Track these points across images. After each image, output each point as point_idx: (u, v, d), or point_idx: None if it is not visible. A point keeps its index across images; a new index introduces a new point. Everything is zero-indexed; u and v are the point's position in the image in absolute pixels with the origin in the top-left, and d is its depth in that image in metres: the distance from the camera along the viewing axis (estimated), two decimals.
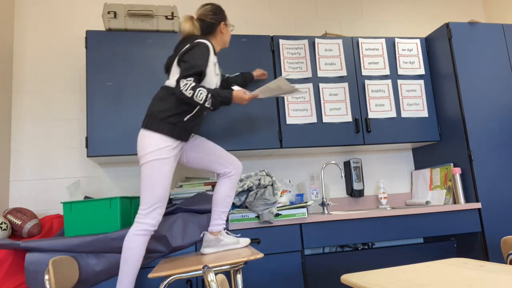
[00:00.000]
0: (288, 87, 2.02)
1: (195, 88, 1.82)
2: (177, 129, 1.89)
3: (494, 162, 2.63)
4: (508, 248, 1.79)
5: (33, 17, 2.80)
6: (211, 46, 1.98)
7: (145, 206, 1.83)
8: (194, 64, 1.86)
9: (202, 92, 1.82)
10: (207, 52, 1.93)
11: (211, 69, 1.96)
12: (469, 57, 2.75)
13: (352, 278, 1.36)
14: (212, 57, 1.98)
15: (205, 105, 1.84)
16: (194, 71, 1.85)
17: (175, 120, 1.88)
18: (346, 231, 2.34)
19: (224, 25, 2.09)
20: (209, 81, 1.96)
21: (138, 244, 1.80)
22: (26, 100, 2.69)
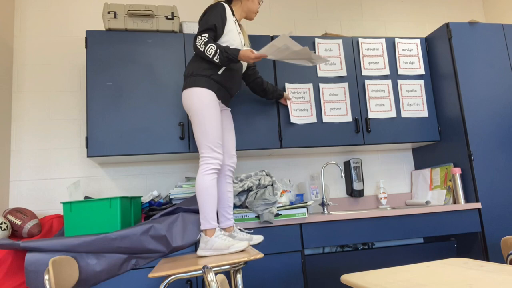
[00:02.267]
0: (302, 50, 1.94)
1: (207, 43, 1.94)
2: (213, 82, 2.00)
3: (494, 162, 2.63)
4: (508, 248, 1.79)
5: (33, 17, 2.80)
6: (227, 7, 2.08)
7: (205, 150, 1.93)
8: (207, 20, 2.00)
9: (212, 47, 1.93)
10: (220, 10, 2.03)
11: (232, 27, 2.05)
12: (469, 57, 2.75)
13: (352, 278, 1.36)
14: (231, 17, 2.08)
15: (214, 59, 1.94)
16: (207, 26, 1.98)
17: (209, 73, 2.00)
18: (346, 231, 2.34)
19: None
20: (231, 39, 2.05)
21: (212, 182, 1.89)
22: (26, 100, 2.69)
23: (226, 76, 2.04)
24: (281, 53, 1.98)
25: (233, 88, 2.11)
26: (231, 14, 2.09)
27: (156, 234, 2.00)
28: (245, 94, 2.61)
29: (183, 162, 2.83)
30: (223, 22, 2.03)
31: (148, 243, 1.99)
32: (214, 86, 2.00)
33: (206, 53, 1.94)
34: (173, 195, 2.40)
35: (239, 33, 2.12)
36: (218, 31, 2.00)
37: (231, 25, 2.06)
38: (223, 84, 2.03)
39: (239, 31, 2.14)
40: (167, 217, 2.11)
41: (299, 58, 2.05)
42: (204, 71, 2.00)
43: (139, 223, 2.09)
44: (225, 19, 2.04)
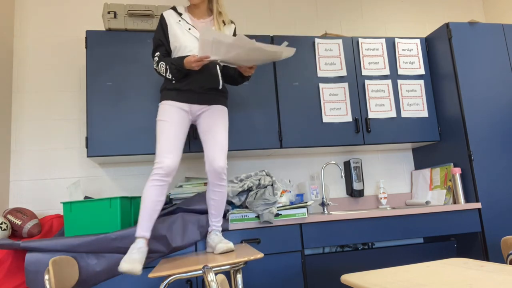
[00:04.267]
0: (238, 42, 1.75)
1: (159, 62, 1.98)
2: (169, 91, 2.00)
3: (494, 162, 2.63)
4: (508, 248, 1.79)
5: (33, 17, 2.80)
6: (169, 12, 2.06)
7: (155, 158, 1.92)
8: (153, 39, 2.06)
9: (162, 64, 1.96)
10: (160, 21, 2.05)
11: (175, 31, 2.01)
12: (469, 57, 2.75)
13: (352, 278, 1.36)
14: (175, 19, 2.03)
15: (167, 76, 1.96)
16: (155, 44, 2.04)
17: (164, 85, 2.03)
18: (346, 231, 2.34)
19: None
20: (175, 42, 2.01)
21: (148, 190, 1.85)
22: (26, 100, 2.69)
23: (181, 81, 2.00)
24: (223, 50, 1.80)
25: (198, 82, 2.01)
26: (175, 17, 2.05)
27: (156, 234, 2.00)
28: (245, 94, 2.61)
29: (183, 162, 2.83)
30: (165, 32, 2.03)
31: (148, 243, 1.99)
32: (170, 94, 2.00)
33: (161, 72, 1.97)
34: (173, 195, 2.40)
35: (189, 30, 2.02)
36: (165, 42, 2.02)
37: (174, 28, 2.02)
38: (181, 86, 2.00)
39: (189, 28, 2.02)
40: (167, 217, 2.11)
41: (259, 57, 1.87)
42: (163, 86, 2.05)
43: None
44: (165, 27, 2.03)
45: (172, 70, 1.93)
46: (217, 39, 1.75)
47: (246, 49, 1.78)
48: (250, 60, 1.91)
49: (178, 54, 2.02)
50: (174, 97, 1.99)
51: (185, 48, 2.00)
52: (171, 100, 1.99)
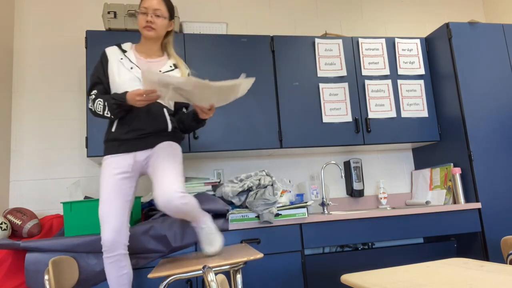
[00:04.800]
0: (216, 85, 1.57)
1: (95, 100, 1.77)
2: (109, 144, 1.81)
3: (494, 162, 2.63)
4: (508, 248, 1.79)
5: (33, 17, 2.80)
6: (112, 48, 1.88)
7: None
8: (90, 76, 1.87)
9: (100, 102, 1.74)
10: (100, 58, 1.86)
11: (115, 68, 1.81)
12: (469, 57, 2.75)
13: (352, 278, 1.36)
14: (117, 56, 1.84)
15: (105, 114, 1.74)
16: (91, 82, 1.84)
17: (105, 137, 1.84)
18: (346, 231, 2.34)
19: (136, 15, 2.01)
20: (120, 81, 1.79)
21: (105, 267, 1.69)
22: (26, 100, 2.69)
23: (119, 127, 1.80)
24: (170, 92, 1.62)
25: (140, 127, 1.79)
26: (118, 54, 1.85)
27: (156, 234, 2.00)
28: (245, 94, 2.61)
29: (183, 162, 2.83)
30: (104, 68, 1.83)
31: (148, 243, 1.99)
32: (110, 146, 1.80)
33: (97, 111, 1.76)
34: None
35: (131, 69, 1.81)
36: (104, 80, 1.82)
37: (114, 66, 1.82)
38: (121, 135, 1.78)
39: (131, 67, 1.82)
40: (167, 217, 2.11)
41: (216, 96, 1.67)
42: (105, 137, 1.85)
43: (139, 223, 2.09)
44: (105, 64, 1.83)
45: (111, 106, 1.71)
46: (162, 80, 1.55)
47: (199, 89, 1.59)
48: (206, 100, 1.69)
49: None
50: (116, 149, 1.79)
51: (123, 89, 1.77)
52: (112, 154, 1.79)
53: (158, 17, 1.85)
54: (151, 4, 1.84)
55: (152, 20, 1.83)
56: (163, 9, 1.87)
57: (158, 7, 1.85)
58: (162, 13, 1.85)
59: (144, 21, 1.83)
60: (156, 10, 1.84)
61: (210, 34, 2.64)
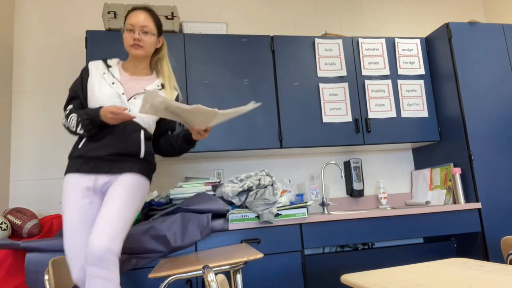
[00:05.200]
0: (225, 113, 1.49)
1: (69, 115, 1.66)
2: (74, 160, 1.67)
3: (494, 162, 2.63)
4: (508, 248, 1.79)
5: (33, 17, 2.80)
6: (95, 63, 1.78)
7: None
8: (69, 90, 1.78)
9: (73, 117, 1.63)
10: (82, 71, 1.77)
11: (96, 83, 1.70)
12: (469, 57, 2.75)
13: (352, 278, 1.36)
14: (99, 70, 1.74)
15: (78, 130, 1.62)
16: (68, 97, 1.75)
17: (70, 152, 1.71)
18: (346, 231, 2.34)
19: (122, 32, 1.78)
20: (98, 96, 1.68)
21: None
22: (26, 100, 2.69)
23: (91, 140, 1.67)
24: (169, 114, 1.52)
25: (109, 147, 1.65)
26: (101, 68, 1.75)
27: (156, 234, 2.00)
28: (245, 94, 2.61)
29: (183, 162, 2.83)
30: (83, 83, 1.73)
31: (148, 243, 1.99)
32: (73, 164, 1.66)
33: (70, 127, 1.65)
34: (173, 195, 2.40)
35: (112, 84, 1.71)
36: (80, 95, 1.72)
37: (94, 80, 1.71)
38: (87, 151, 1.65)
39: (112, 82, 1.71)
40: (167, 217, 2.11)
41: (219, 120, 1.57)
42: (70, 153, 1.71)
43: (139, 223, 2.09)
44: (85, 78, 1.73)
45: (84, 121, 1.59)
46: (168, 106, 1.45)
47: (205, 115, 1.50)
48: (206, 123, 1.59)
49: None
50: (78, 167, 1.64)
51: (100, 104, 1.67)
52: (74, 172, 1.64)
53: (146, 34, 1.73)
54: (137, 21, 1.71)
55: (140, 37, 1.71)
56: (151, 25, 1.74)
57: (146, 23, 1.72)
58: (150, 29, 1.74)
59: (131, 39, 1.71)
60: (144, 27, 1.72)
61: (210, 34, 2.64)
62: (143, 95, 1.68)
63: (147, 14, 1.75)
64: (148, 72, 1.84)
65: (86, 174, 1.64)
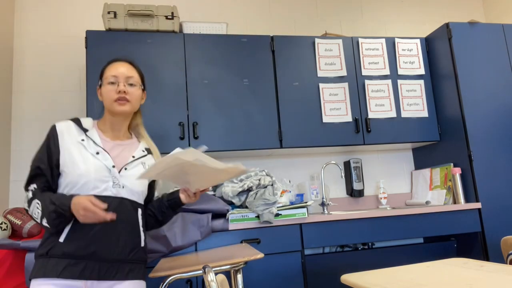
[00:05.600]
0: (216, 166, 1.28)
1: (31, 200, 1.30)
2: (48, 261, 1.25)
3: (494, 162, 2.63)
4: (508, 248, 1.79)
5: (33, 17, 2.80)
6: (65, 122, 1.42)
7: None
8: (31, 164, 1.36)
9: (37, 205, 1.27)
10: (48, 137, 1.39)
11: (74, 155, 1.34)
12: (469, 57, 2.75)
13: (352, 278, 1.36)
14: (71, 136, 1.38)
15: (43, 223, 1.26)
16: (30, 174, 1.35)
17: (45, 249, 1.27)
18: (346, 231, 2.34)
19: (99, 87, 1.49)
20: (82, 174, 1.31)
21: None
22: (26, 100, 2.69)
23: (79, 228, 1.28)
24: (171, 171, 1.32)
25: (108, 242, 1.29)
26: (75, 133, 1.39)
27: (156, 234, 2.00)
28: (245, 95, 2.61)
29: None
30: (52, 153, 1.35)
31: (148, 243, 2.00)
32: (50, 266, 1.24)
33: (34, 216, 1.29)
34: None
35: (96, 154, 1.36)
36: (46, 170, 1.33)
37: (70, 151, 1.35)
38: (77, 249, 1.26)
39: (97, 152, 1.37)
40: None
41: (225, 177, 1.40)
42: (39, 251, 1.29)
43: None
44: (55, 146, 1.35)
45: (49, 214, 1.24)
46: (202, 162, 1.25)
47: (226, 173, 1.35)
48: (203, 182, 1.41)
49: (73, 191, 1.31)
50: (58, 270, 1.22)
51: (86, 183, 1.31)
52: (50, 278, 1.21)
53: (132, 86, 1.46)
54: (121, 72, 1.45)
55: (126, 89, 1.43)
56: (136, 76, 1.50)
57: (131, 74, 1.47)
58: (135, 81, 1.48)
59: (114, 93, 1.42)
60: (129, 78, 1.46)
61: (210, 34, 2.64)
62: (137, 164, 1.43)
63: (130, 65, 1.51)
64: (128, 135, 1.54)
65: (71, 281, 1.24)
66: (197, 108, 2.52)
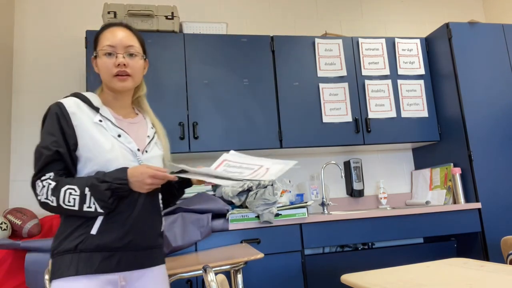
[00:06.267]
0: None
1: (58, 188, 1.14)
2: (77, 256, 1.12)
3: (494, 162, 2.63)
4: (508, 248, 1.79)
5: (33, 17, 2.80)
6: (71, 99, 1.23)
7: None
8: (39, 149, 1.17)
9: (72, 191, 1.13)
10: (57, 115, 1.18)
11: (97, 138, 1.18)
12: (469, 57, 2.75)
13: (352, 278, 1.36)
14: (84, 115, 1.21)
15: (84, 209, 1.12)
16: (44, 161, 1.15)
17: (72, 243, 1.13)
18: (346, 231, 2.34)
19: (94, 58, 1.29)
20: (110, 155, 1.18)
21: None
22: (26, 100, 2.69)
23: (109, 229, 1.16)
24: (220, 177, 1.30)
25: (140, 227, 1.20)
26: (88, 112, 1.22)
27: None
28: (245, 94, 2.61)
29: (183, 162, 2.83)
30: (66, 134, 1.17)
31: None
32: (87, 264, 1.11)
33: (66, 205, 1.13)
34: None
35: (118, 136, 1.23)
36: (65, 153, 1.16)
37: (93, 130, 1.19)
38: (112, 241, 1.15)
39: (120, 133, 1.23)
40: (167, 217, 2.11)
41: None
42: (62, 245, 1.14)
43: None
44: (68, 127, 1.17)
45: (103, 194, 1.12)
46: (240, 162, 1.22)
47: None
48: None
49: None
50: (93, 266, 1.12)
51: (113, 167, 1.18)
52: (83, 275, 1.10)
53: (133, 57, 1.27)
54: (120, 40, 1.24)
55: (126, 61, 1.24)
56: (137, 44, 1.29)
57: (131, 42, 1.27)
58: (136, 50, 1.28)
59: (113, 66, 1.23)
60: (129, 48, 1.26)
61: (210, 34, 2.64)
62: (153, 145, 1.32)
63: (128, 30, 1.30)
64: (133, 112, 1.38)
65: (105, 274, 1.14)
66: (197, 108, 2.52)
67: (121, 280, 1.16)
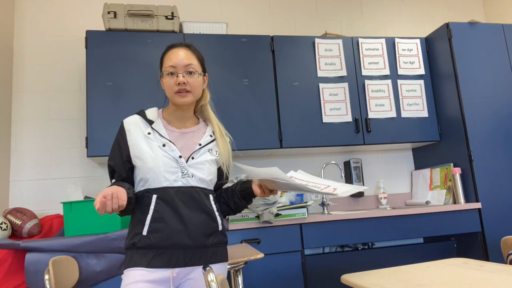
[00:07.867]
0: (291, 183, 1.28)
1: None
2: (137, 252, 1.30)
3: (494, 162, 2.63)
4: (508, 248, 1.79)
5: (33, 17, 2.80)
6: (132, 118, 1.44)
7: None
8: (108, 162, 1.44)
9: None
10: (120, 133, 1.42)
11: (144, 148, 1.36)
12: (469, 57, 2.75)
13: (352, 278, 1.36)
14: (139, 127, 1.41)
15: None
16: (108, 170, 1.44)
17: (131, 241, 1.32)
18: (346, 231, 2.34)
19: (160, 77, 1.48)
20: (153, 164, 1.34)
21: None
22: (26, 100, 2.69)
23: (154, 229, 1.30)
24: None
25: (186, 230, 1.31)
26: (142, 126, 1.41)
27: None
28: (245, 94, 2.61)
29: None
30: (121, 149, 1.39)
31: None
32: (138, 256, 1.29)
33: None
34: None
35: (163, 146, 1.37)
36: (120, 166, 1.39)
37: (141, 143, 1.37)
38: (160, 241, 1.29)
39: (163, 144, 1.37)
40: None
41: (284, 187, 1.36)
42: (128, 243, 1.34)
43: None
44: (124, 142, 1.39)
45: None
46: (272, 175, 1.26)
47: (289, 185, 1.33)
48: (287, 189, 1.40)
49: (146, 185, 1.36)
50: (147, 261, 1.28)
51: (157, 176, 1.34)
52: (138, 267, 1.27)
53: (192, 75, 1.40)
54: (180, 60, 1.39)
55: (185, 80, 1.38)
56: (195, 62, 1.43)
57: (190, 61, 1.40)
58: (195, 68, 1.41)
59: (174, 84, 1.38)
60: (188, 66, 1.39)
61: (210, 34, 2.64)
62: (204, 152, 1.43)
63: (188, 50, 1.44)
64: (196, 121, 1.51)
65: (158, 268, 1.29)
66: None
67: (173, 273, 1.30)
